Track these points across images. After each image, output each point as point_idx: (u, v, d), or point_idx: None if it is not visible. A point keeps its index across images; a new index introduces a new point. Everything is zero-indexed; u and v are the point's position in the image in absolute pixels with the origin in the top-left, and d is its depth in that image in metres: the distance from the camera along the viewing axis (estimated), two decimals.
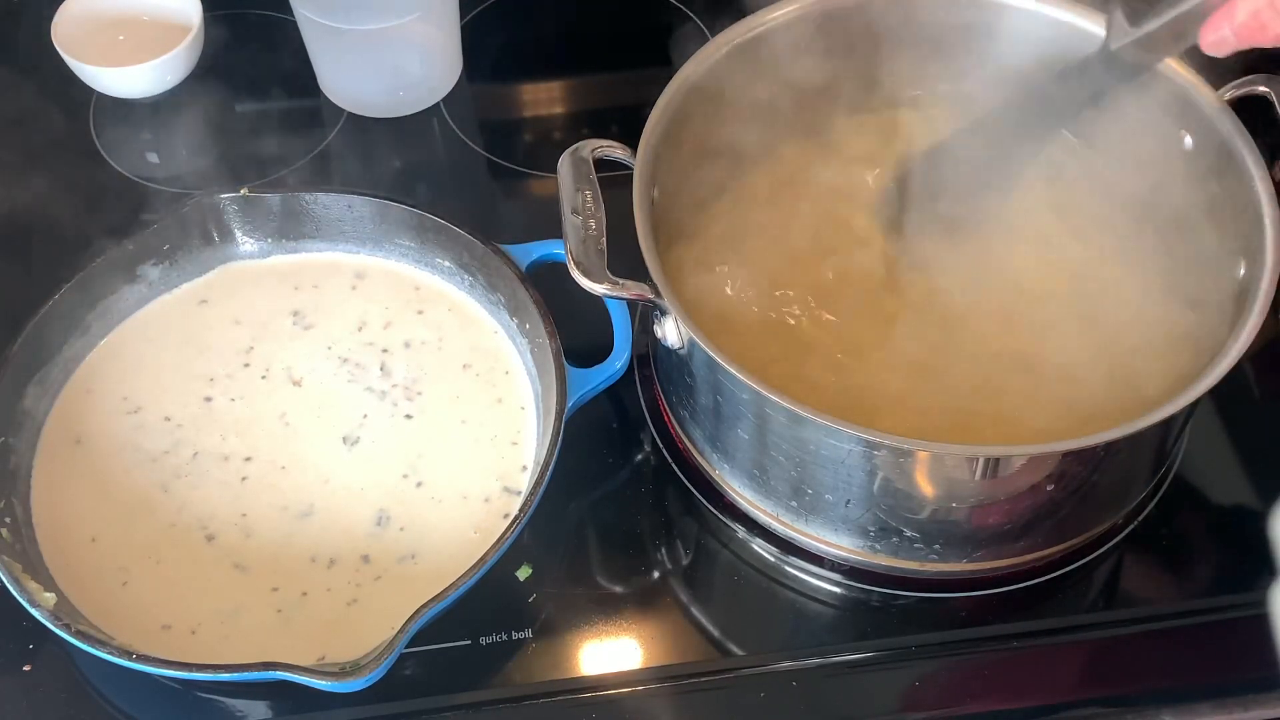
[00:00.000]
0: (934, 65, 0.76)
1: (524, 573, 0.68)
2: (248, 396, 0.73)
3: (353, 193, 0.77)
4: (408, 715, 0.64)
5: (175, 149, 0.89)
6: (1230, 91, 0.68)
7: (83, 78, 0.87)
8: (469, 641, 0.66)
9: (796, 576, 0.69)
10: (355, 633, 0.64)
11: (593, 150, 0.68)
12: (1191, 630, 0.67)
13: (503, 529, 0.64)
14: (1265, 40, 0.56)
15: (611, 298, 0.65)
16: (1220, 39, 0.58)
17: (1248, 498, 0.72)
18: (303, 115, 0.89)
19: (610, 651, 0.66)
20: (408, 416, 0.72)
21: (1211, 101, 0.68)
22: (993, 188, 0.73)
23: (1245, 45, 0.57)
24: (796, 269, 0.72)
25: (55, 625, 0.61)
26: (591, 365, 0.70)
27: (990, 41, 0.75)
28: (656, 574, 0.69)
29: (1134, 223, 0.72)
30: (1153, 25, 0.62)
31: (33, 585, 0.63)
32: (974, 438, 0.64)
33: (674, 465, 0.73)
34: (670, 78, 0.70)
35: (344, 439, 0.72)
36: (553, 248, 0.74)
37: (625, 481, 0.73)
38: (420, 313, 0.77)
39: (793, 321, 0.70)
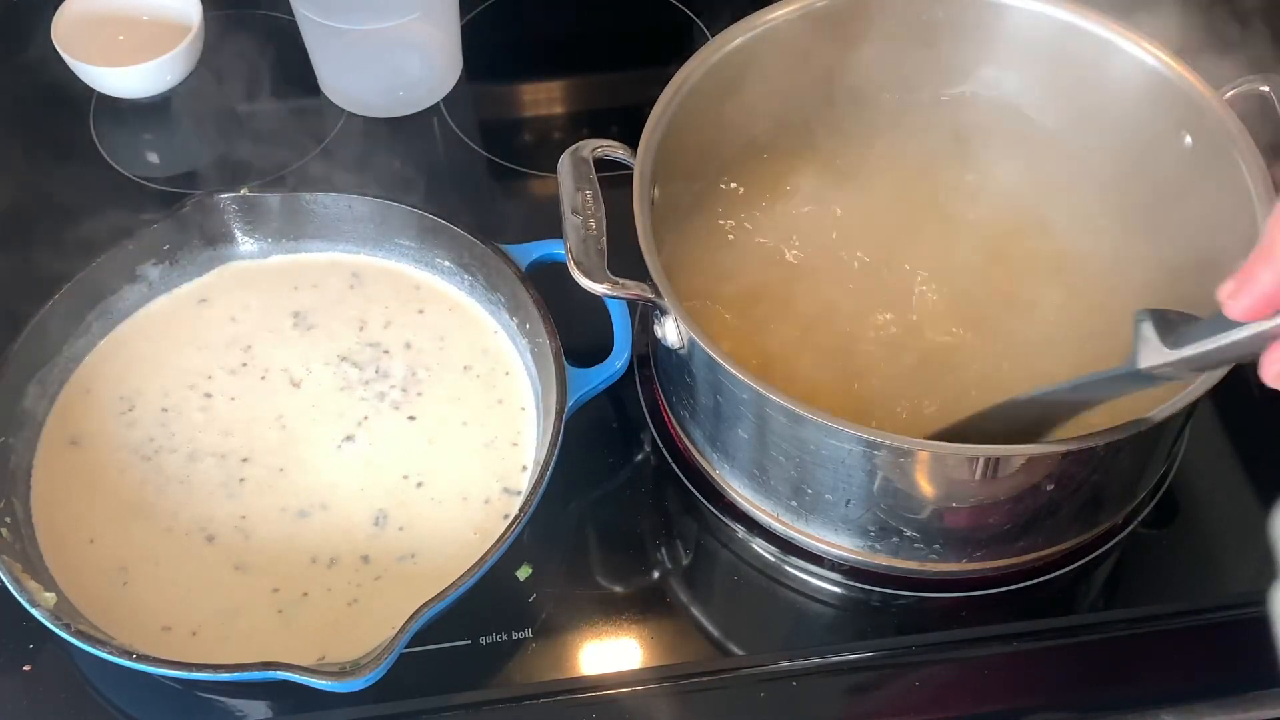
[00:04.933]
0: (934, 64, 0.76)
1: (524, 573, 0.68)
2: (247, 397, 0.73)
3: (353, 193, 0.77)
4: (408, 715, 0.64)
5: (175, 149, 0.90)
6: (1230, 91, 0.68)
7: (83, 78, 0.88)
8: (469, 641, 0.66)
9: (796, 576, 0.69)
10: (355, 633, 0.64)
11: (593, 150, 0.69)
12: (1191, 630, 0.67)
13: (502, 529, 0.63)
14: None
15: (611, 298, 0.64)
16: None
17: (1247, 498, 0.71)
18: (302, 115, 0.89)
19: (610, 651, 0.66)
20: (410, 418, 0.72)
21: (1211, 101, 0.68)
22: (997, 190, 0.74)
23: None
24: (797, 268, 0.72)
25: (55, 625, 0.61)
26: (591, 365, 0.70)
27: (992, 40, 0.75)
28: (656, 574, 0.69)
29: (1133, 222, 0.72)
30: (1192, 351, 0.50)
31: (33, 585, 0.63)
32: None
33: (674, 465, 0.73)
34: (670, 78, 0.70)
35: (344, 439, 0.72)
36: (553, 248, 0.74)
37: (625, 481, 0.73)
38: (420, 313, 0.77)
39: (794, 320, 0.70)
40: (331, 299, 0.77)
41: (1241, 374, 0.60)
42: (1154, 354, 0.52)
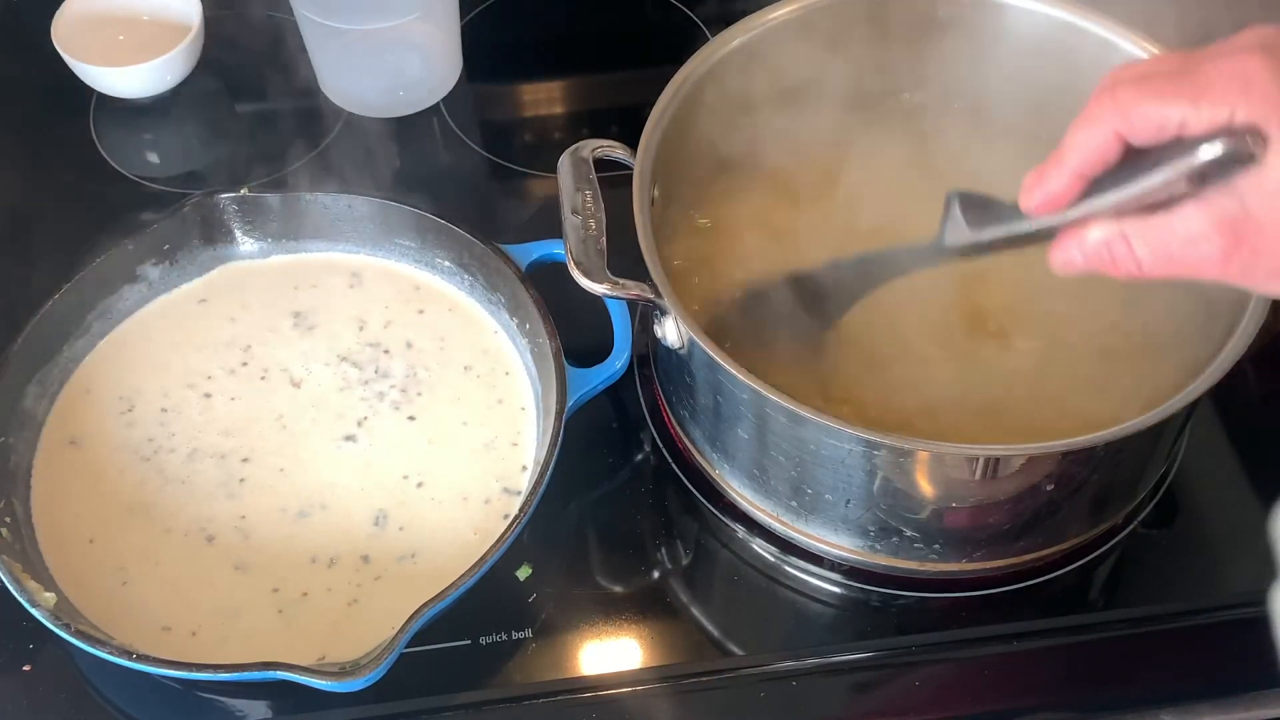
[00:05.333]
0: (935, 64, 0.76)
1: (524, 573, 0.68)
2: (247, 396, 0.73)
3: (353, 193, 0.77)
4: (408, 715, 0.64)
5: (175, 149, 0.90)
6: None
7: (83, 78, 0.87)
8: (469, 641, 0.66)
9: (796, 576, 0.69)
10: (355, 633, 0.64)
11: (593, 150, 0.68)
12: (1191, 630, 0.67)
13: (502, 529, 0.63)
14: (1116, 273, 0.50)
15: (611, 298, 0.64)
16: (1068, 260, 0.51)
17: (1247, 498, 0.71)
18: (303, 115, 0.89)
19: (610, 651, 0.66)
20: (410, 418, 0.72)
21: None
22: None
23: (1095, 271, 0.51)
24: (797, 268, 0.70)
25: (55, 625, 0.61)
26: (591, 365, 0.70)
27: (993, 40, 0.74)
28: (656, 574, 0.69)
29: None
30: (990, 235, 0.56)
31: (33, 585, 0.63)
32: (971, 437, 0.63)
33: (674, 465, 0.72)
34: (670, 78, 0.70)
35: (344, 439, 0.72)
36: (553, 248, 0.74)
37: (625, 481, 0.72)
38: (421, 313, 0.76)
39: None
40: (331, 299, 0.77)
41: (1242, 374, 0.61)
42: (958, 234, 0.56)
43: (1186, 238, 0.47)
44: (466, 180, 0.88)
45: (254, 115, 0.90)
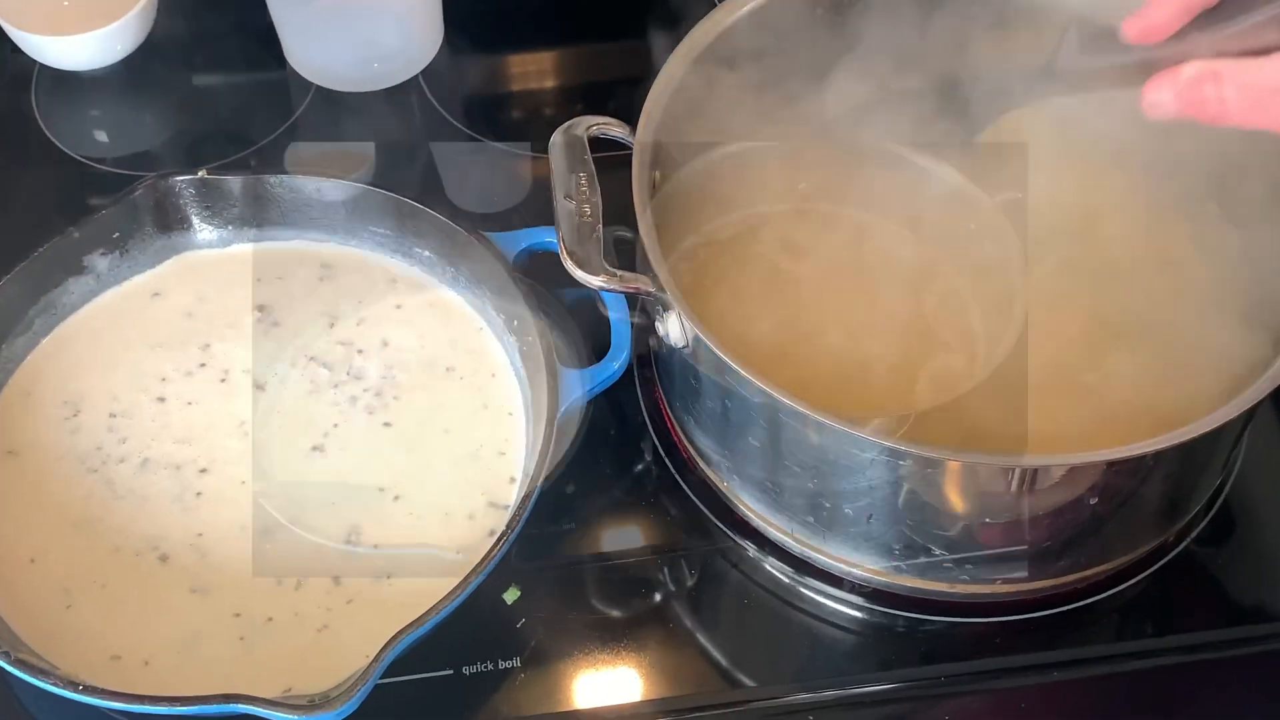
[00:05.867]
0: (958, 34, 0.73)
1: (511, 595, 0.67)
2: (204, 400, 0.72)
3: (322, 175, 0.75)
4: None
5: (126, 127, 0.88)
6: None
7: (24, 48, 0.86)
8: (450, 671, 0.64)
9: (813, 599, 0.68)
10: (325, 661, 0.62)
11: (588, 128, 0.68)
12: (1246, 660, 0.66)
13: (488, 548, 0.62)
14: (1203, 117, 0.53)
15: (608, 291, 0.64)
16: (1159, 101, 0.54)
17: None
18: (267, 89, 0.88)
19: (607, 682, 0.65)
20: (386, 424, 0.71)
21: None
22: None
23: (1185, 114, 0.53)
24: (810, 257, 0.70)
25: None
26: (586, 366, 0.69)
27: (1003, 13, 0.72)
28: (658, 597, 0.68)
29: (1196, 217, 0.70)
30: (1098, 63, 0.61)
31: None
32: (1009, 445, 0.62)
33: (677, 476, 0.71)
34: (673, 48, 0.69)
35: (312, 448, 0.70)
36: (543, 236, 0.72)
37: (623, 494, 0.71)
38: (397, 307, 0.75)
39: (807, 316, 0.68)
40: (299, 292, 0.75)
41: None
42: (1070, 58, 0.63)
43: (1277, 86, 0.51)
44: (448, 161, 0.86)
45: (213, 89, 0.89)
